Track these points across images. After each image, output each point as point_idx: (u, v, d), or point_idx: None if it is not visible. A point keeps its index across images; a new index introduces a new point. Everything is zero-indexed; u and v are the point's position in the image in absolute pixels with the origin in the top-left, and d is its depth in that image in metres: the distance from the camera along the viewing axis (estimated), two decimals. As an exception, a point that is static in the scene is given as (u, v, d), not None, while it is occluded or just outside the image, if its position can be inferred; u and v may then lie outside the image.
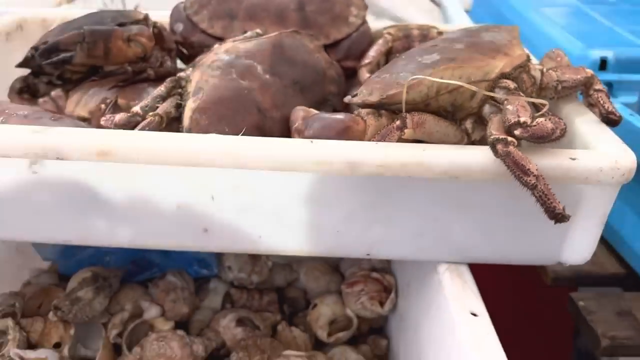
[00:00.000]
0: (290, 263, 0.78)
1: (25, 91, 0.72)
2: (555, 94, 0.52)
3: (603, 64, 0.77)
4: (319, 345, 0.69)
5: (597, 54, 0.76)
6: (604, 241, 0.73)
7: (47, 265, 0.76)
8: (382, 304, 0.68)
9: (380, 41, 0.67)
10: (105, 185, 0.47)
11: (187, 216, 0.48)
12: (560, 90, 0.51)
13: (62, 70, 0.68)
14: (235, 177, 0.46)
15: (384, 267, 0.73)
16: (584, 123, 0.48)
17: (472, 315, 0.44)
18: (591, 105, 0.52)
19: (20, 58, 0.68)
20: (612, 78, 0.76)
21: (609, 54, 0.77)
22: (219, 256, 0.73)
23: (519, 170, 0.40)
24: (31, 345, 0.61)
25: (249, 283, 0.73)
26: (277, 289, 0.76)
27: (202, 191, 0.47)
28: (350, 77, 0.67)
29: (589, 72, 0.52)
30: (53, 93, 0.67)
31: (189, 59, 0.71)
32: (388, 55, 0.68)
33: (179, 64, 0.73)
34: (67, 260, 0.69)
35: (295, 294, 0.77)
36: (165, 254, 0.71)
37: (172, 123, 0.54)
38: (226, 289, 0.73)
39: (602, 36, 0.86)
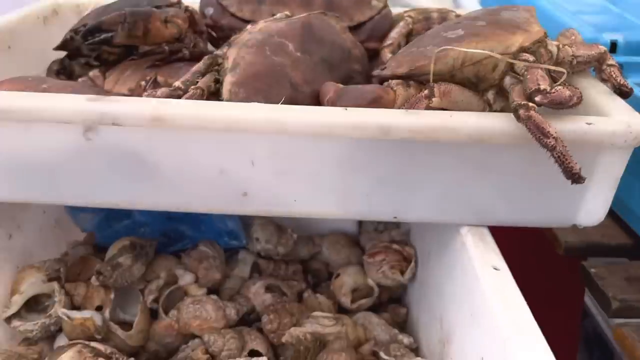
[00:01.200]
0: (312, 237, 0.82)
1: (62, 73, 0.76)
2: (570, 69, 0.55)
3: (613, 47, 0.80)
4: (342, 312, 0.73)
5: (607, 37, 0.80)
6: (613, 214, 0.76)
7: (82, 237, 0.80)
8: (402, 272, 0.72)
9: (402, 23, 0.71)
10: (154, 152, 0.51)
11: (228, 181, 0.52)
12: (575, 65, 0.55)
13: (99, 52, 0.72)
14: (274, 143, 0.50)
15: (403, 240, 0.77)
16: (598, 94, 0.51)
17: (494, 270, 0.48)
18: (604, 80, 0.56)
19: (56, 42, 0.72)
20: (622, 60, 0.79)
21: (619, 37, 0.80)
22: (247, 228, 0.77)
23: (539, 133, 0.44)
24: (75, 308, 0.65)
25: (275, 254, 0.77)
26: (301, 261, 0.80)
27: (243, 157, 0.51)
28: (372, 58, 0.70)
29: (602, 48, 0.55)
30: (91, 73, 0.71)
31: (218, 42, 0.75)
32: (408, 37, 0.72)
33: (209, 47, 0.77)
34: (104, 231, 0.73)
35: (318, 266, 0.81)
36: (196, 226, 0.75)
37: (210, 98, 0.58)
38: (254, 259, 0.77)
39: (612, 21, 0.89)
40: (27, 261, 0.66)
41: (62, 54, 0.75)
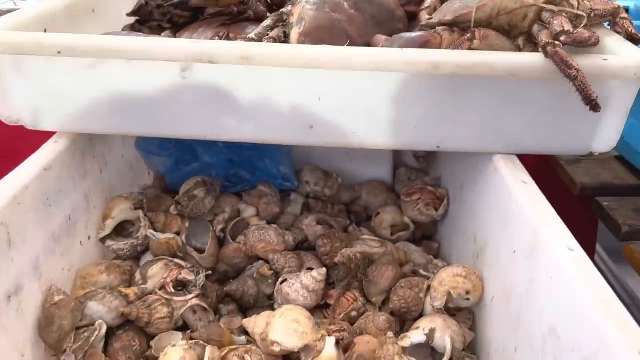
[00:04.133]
0: (353, 185, 0.92)
1: (133, 36, 0.86)
2: (588, 22, 0.64)
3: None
4: (382, 245, 0.83)
5: (620, 3, 0.89)
6: (622, 159, 0.86)
7: (151, 182, 0.90)
8: (436, 209, 0.82)
9: (437, -11, 0.80)
10: (237, 89, 0.61)
11: (298, 115, 0.62)
12: (592, 17, 0.64)
13: (171, 16, 0.82)
14: (338, 79, 0.59)
15: (436, 184, 0.87)
16: (612, 39, 0.60)
17: (523, 183, 0.57)
18: (618, 32, 0.65)
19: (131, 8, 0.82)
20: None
21: (631, 4, 0.89)
22: (298, 173, 0.88)
23: (564, 65, 0.53)
24: (156, 234, 0.76)
25: (322, 195, 0.87)
26: (343, 204, 0.90)
27: (311, 93, 0.60)
28: (411, 21, 0.80)
29: (616, 4, 0.65)
30: (163, 34, 0.81)
31: (272, 7, 0.85)
32: (443, 1, 0.81)
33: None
34: (174, 174, 0.84)
35: (358, 209, 0.91)
36: (253, 171, 0.86)
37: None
38: (304, 200, 0.87)
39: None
40: (112, 195, 0.76)
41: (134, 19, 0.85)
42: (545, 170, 0.82)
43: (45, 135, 0.67)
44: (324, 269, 0.68)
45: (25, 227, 0.56)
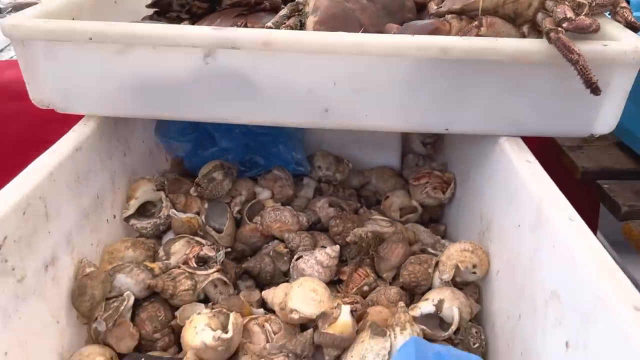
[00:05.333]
0: (363, 170, 0.96)
1: (152, 27, 0.90)
2: (590, 10, 0.68)
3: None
4: (391, 227, 0.87)
5: (621, -5, 0.92)
6: (623, 145, 0.89)
7: (169, 167, 0.94)
8: (443, 192, 0.85)
9: (445, -19, 0.84)
10: (256, 74, 0.64)
11: (314, 98, 0.65)
12: (594, 6, 0.67)
13: (189, 7, 0.86)
14: (352, 65, 0.63)
15: (443, 168, 0.90)
16: (613, 27, 0.64)
17: (528, 162, 0.61)
18: (618, 22, 0.68)
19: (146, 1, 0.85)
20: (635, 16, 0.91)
21: (632, -4, 0.92)
22: (310, 158, 0.91)
23: (566, 50, 0.56)
24: (176, 214, 0.80)
25: (333, 180, 0.91)
26: (353, 189, 0.94)
27: (327, 78, 0.64)
28: (420, 11, 0.83)
29: (616, -7, 0.68)
30: (182, 25, 0.85)
31: (286, -2, 0.88)
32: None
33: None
34: (193, 158, 0.87)
35: (367, 193, 0.95)
36: (268, 156, 0.89)
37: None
38: (316, 184, 0.90)
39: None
40: (134, 178, 0.80)
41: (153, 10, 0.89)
42: (549, 156, 0.85)
43: (60, 125, 0.71)
44: (337, 246, 0.72)
45: (60, 202, 0.60)
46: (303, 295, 0.60)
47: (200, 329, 0.58)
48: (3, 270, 0.50)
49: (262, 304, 0.71)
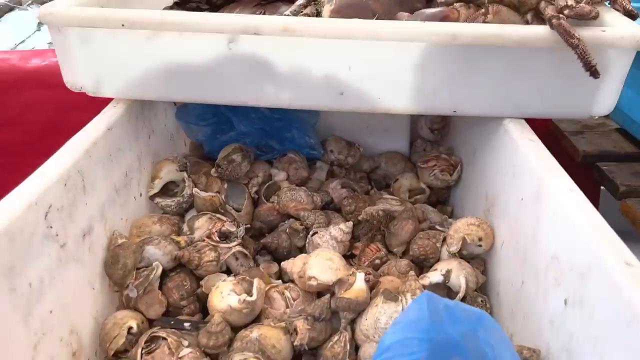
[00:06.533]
0: (373, 156, 1.00)
1: (173, 17, 0.94)
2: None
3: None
4: (400, 208, 0.91)
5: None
6: (622, 131, 0.93)
7: (187, 152, 0.99)
8: (450, 174, 0.89)
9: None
10: (276, 59, 0.69)
11: (330, 82, 0.70)
12: (594, -4, 0.71)
13: (209, -3, 0.90)
14: (367, 50, 0.67)
15: (450, 152, 0.95)
16: (611, 15, 0.68)
17: (530, 141, 0.65)
18: (616, 10, 0.72)
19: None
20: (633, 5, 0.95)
21: (632, -12, 0.96)
22: (323, 142, 0.96)
23: (567, 35, 0.61)
24: (198, 194, 0.84)
25: (345, 163, 0.95)
26: (364, 172, 0.99)
27: (343, 62, 0.68)
28: (428, 1, 0.87)
29: (616, -17, 0.72)
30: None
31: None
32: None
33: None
34: (212, 142, 0.92)
35: (377, 177, 0.99)
36: (283, 141, 0.94)
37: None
38: (328, 167, 0.95)
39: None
40: (157, 159, 0.85)
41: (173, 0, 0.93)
42: (551, 141, 0.89)
43: (81, 112, 0.75)
44: (351, 223, 0.76)
45: (95, 177, 0.65)
46: (320, 263, 0.65)
47: (226, 293, 0.62)
48: (49, 235, 0.55)
49: (279, 277, 0.75)
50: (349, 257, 0.78)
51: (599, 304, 0.45)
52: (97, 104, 0.75)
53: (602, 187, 0.91)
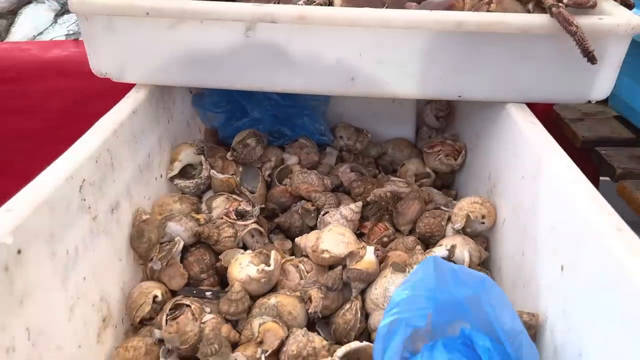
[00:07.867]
0: (380, 142, 1.04)
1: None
2: (589, -10, 0.76)
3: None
4: (407, 191, 0.95)
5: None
6: (621, 118, 0.97)
7: (202, 138, 1.03)
8: (455, 159, 0.93)
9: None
10: (291, 46, 0.73)
11: (342, 68, 0.74)
12: (592, -14, 0.75)
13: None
14: (377, 37, 0.71)
15: (454, 138, 0.98)
16: (608, 4, 0.71)
17: (531, 123, 0.69)
18: (614, 0, 0.76)
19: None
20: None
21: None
22: (332, 129, 1.00)
23: (566, 23, 0.64)
24: (214, 176, 0.88)
25: (354, 149, 0.99)
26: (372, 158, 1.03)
27: (354, 49, 0.72)
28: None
29: (613, -25, 0.76)
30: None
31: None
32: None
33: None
34: (227, 127, 0.96)
35: (384, 163, 1.03)
36: (294, 127, 0.98)
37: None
38: (338, 153, 0.99)
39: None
40: (176, 144, 0.89)
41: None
42: (552, 128, 0.93)
43: (98, 100, 0.78)
44: (360, 202, 0.80)
45: (122, 156, 0.69)
46: (333, 238, 0.69)
47: (245, 264, 0.67)
48: (82, 207, 0.59)
49: (292, 254, 0.79)
50: (358, 235, 0.82)
51: (593, 268, 0.49)
52: (113, 93, 0.79)
53: (600, 178, 0.95)
